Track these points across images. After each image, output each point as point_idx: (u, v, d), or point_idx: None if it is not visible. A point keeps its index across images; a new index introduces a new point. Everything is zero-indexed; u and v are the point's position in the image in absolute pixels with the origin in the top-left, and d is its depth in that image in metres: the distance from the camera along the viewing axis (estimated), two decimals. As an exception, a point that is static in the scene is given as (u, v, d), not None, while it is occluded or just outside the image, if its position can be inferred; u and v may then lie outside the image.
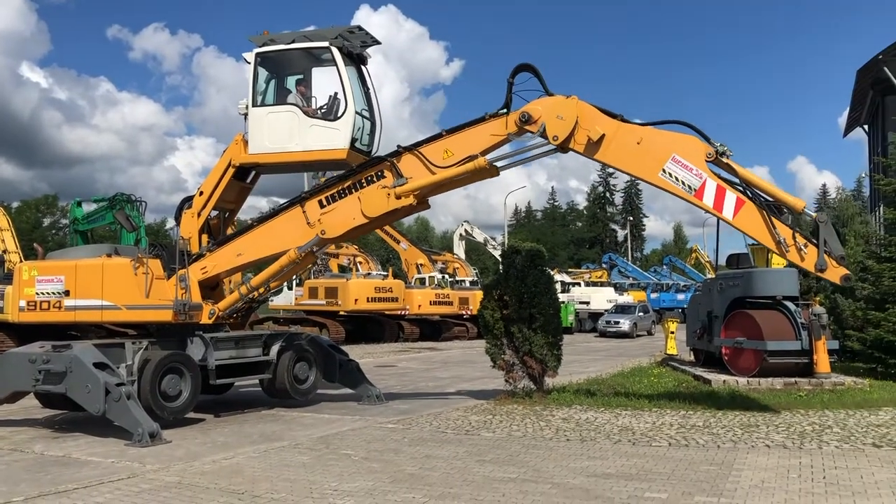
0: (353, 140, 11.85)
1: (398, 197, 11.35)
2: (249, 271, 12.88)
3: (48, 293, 11.38)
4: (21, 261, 23.98)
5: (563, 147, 11.09)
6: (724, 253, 18.67)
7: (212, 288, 12.32)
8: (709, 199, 10.41)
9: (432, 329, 34.36)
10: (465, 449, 9.09)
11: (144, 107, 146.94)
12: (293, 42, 12.24)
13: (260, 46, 12.29)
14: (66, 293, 11.33)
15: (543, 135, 11.05)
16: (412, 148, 11.60)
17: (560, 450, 9.01)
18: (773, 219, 10.17)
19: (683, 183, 10.47)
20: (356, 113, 11.84)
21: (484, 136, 11.36)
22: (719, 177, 10.48)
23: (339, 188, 11.68)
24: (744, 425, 10.47)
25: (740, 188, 10.48)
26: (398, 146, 11.70)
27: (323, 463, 8.41)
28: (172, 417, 10.67)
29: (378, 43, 12.51)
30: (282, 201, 12.51)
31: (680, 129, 10.88)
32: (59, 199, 78.43)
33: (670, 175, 10.53)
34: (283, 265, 11.76)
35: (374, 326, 32.35)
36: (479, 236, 47.81)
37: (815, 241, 10.14)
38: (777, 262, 19.48)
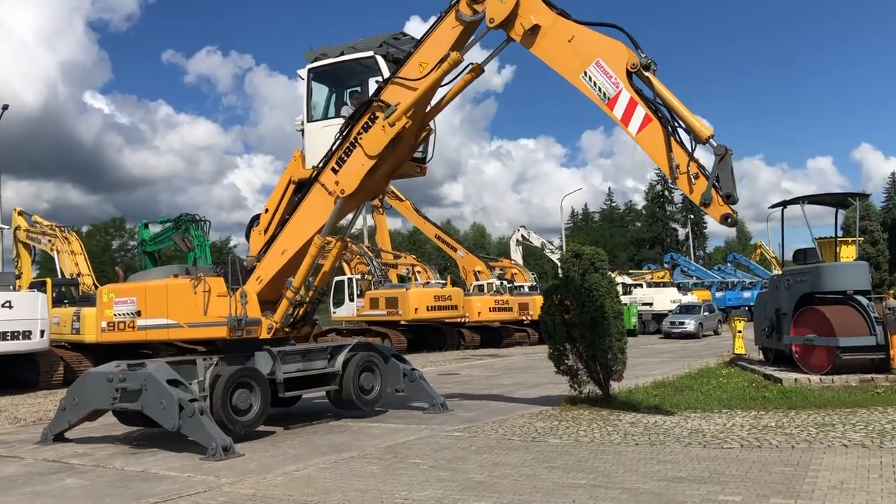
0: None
1: (392, 124, 11.31)
2: (292, 275, 13.02)
3: (123, 314, 12.14)
4: (94, 283, 24.95)
5: (508, 36, 10.97)
6: (790, 248, 18.21)
7: (274, 302, 12.53)
8: (619, 111, 10.24)
9: (493, 336, 34.28)
10: (532, 456, 9.08)
11: (202, 127, 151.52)
12: (342, 54, 12.42)
13: (312, 62, 12.52)
14: (138, 313, 11.90)
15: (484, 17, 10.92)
16: (390, 79, 11.58)
17: (629, 454, 8.92)
18: (673, 141, 9.97)
19: (600, 90, 10.30)
20: None
21: (446, 32, 11.28)
22: (639, 92, 10.21)
23: (344, 150, 11.71)
24: (818, 424, 10.19)
25: (652, 106, 10.19)
26: (377, 81, 11.77)
27: (392, 472, 8.51)
28: (244, 431, 10.91)
29: None
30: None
31: (614, 35, 10.45)
32: (126, 222, 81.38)
33: (590, 79, 10.37)
34: (314, 255, 11.91)
35: (434, 335, 32.46)
36: (536, 241, 47.50)
37: (708, 174, 9.83)
38: (846, 255, 18.95)
